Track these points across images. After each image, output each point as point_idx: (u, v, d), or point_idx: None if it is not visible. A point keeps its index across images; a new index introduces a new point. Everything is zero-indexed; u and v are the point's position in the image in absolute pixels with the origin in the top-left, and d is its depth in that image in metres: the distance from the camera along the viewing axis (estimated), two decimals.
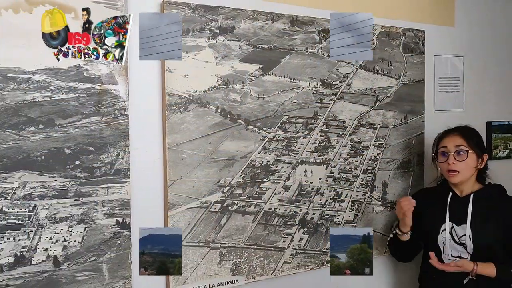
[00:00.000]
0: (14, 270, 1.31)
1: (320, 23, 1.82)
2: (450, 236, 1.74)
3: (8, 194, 1.30)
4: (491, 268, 1.64)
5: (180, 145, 1.54)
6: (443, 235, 1.75)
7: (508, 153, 2.44)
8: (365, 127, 1.94)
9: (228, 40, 1.62)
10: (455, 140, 1.74)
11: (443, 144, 1.77)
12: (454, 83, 2.25)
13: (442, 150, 1.77)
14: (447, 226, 1.75)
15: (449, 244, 1.74)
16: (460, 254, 1.72)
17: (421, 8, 2.14)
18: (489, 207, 1.73)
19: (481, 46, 2.34)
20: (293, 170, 1.77)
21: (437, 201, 1.83)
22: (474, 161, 1.74)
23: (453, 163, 1.71)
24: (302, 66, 1.78)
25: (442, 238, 1.75)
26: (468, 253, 1.71)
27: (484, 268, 1.64)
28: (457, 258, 1.71)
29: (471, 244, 1.69)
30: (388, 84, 1.99)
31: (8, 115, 1.30)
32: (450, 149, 1.73)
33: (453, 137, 1.75)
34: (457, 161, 1.71)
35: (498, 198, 1.77)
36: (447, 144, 1.75)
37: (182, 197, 1.55)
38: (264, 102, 1.70)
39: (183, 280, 1.55)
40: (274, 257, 1.73)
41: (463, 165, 1.71)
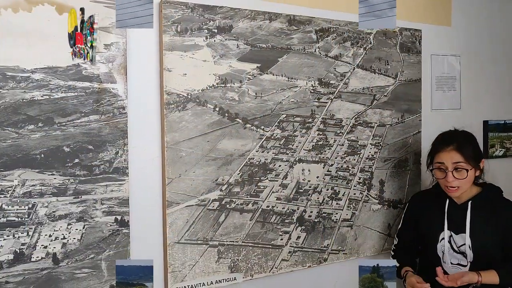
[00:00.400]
0: (14, 267, 1.32)
1: (318, 22, 1.83)
2: (449, 245, 1.73)
3: (7, 192, 1.31)
4: (494, 276, 1.64)
5: (179, 144, 1.55)
6: (442, 244, 1.74)
7: (505, 152, 2.45)
8: (362, 126, 1.95)
9: (226, 39, 1.64)
10: (452, 156, 1.68)
11: (440, 159, 1.72)
12: (450, 82, 2.26)
13: (439, 166, 1.72)
14: (446, 235, 1.73)
15: (448, 253, 1.73)
16: (460, 262, 1.72)
17: (418, 8, 2.15)
18: (487, 212, 1.72)
19: (477, 46, 2.36)
20: (291, 169, 1.78)
21: (434, 207, 1.82)
22: (473, 175, 1.71)
23: (452, 181, 1.68)
24: (300, 65, 1.79)
25: (441, 247, 1.74)
26: (468, 262, 1.71)
27: (487, 277, 1.63)
28: (457, 265, 1.72)
29: (471, 253, 1.69)
30: (385, 83, 2.01)
31: (8, 113, 1.31)
32: (447, 166, 1.69)
33: (449, 153, 1.69)
34: (456, 178, 1.68)
35: (494, 202, 1.76)
36: (444, 161, 1.70)
37: (181, 195, 1.56)
38: (261, 101, 1.71)
39: (181, 277, 1.57)
40: (272, 254, 1.74)
41: (462, 181, 1.68)
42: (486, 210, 1.72)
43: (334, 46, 1.87)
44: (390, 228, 2.03)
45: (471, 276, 1.62)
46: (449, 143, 1.71)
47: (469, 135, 1.79)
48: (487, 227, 1.70)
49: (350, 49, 1.91)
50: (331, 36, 1.86)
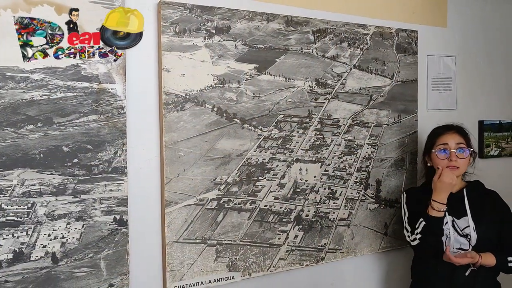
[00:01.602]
0: (13, 266, 1.33)
1: (315, 23, 1.85)
2: (453, 229, 1.77)
3: (7, 192, 1.32)
4: (492, 258, 1.70)
5: (177, 143, 1.56)
6: (446, 227, 1.77)
7: (500, 151, 2.47)
8: (359, 126, 1.97)
9: (224, 40, 1.65)
10: (455, 137, 1.80)
11: (443, 141, 1.80)
12: (446, 82, 2.28)
13: (443, 147, 1.80)
14: (449, 220, 1.77)
15: (453, 236, 1.76)
16: (462, 246, 1.75)
17: (414, 9, 2.17)
18: (481, 198, 1.80)
19: (473, 46, 2.38)
20: (288, 168, 1.80)
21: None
22: (468, 160, 1.81)
23: (455, 160, 1.77)
24: (297, 65, 1.81)
25: (446, 230, 1.77)
26: (470, 245, 1.74)
27: (486, 258, 1.70)
28: (459, 249, 1.75)
29: (475, 235, 1.73)
30: (381, 84, 2.02)
31: (7, 113, 1.32)
32: (451, 146, 1.78)
33: (452, 135, 1.81)
34: (458, 158, 1.77)
35: (483, 191, 1.85)
36: (448, 141, 1.79)
37: (179, 194, 1.57)
38: (259, 101, 1.73)
39: (180, 276, 1.58)
40: (269, 253, 1.75)
41: (462, 162, 1.78)
42: (480, 197, 1.81)
43: (331, 47, 1.89)
44: (386, 227, 2.05)
45: (474, 254, 1.69)
46: (451, 128, 1.84)
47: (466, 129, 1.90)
48: (483, 213, 1.77)
49: (347, 50, 1.93)
50: (328, 37, 1.88)
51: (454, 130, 1.83)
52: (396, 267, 2.13)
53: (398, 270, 2.12)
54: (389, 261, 2.13)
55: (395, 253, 2.10)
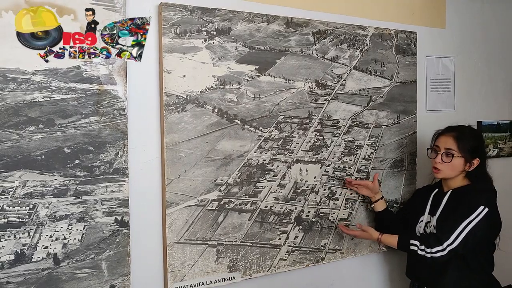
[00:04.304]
0: (15, 267, 1.33)
1: (315, 25, 1.86)
2: (424, 226, 1.84)
3: (8, 193, 1.32)
4: (394, 240, 1.76)
5: (178, 145, 1.57)
6: (420, 225, 1.86)
7: (498, 152, 2.49)
8: (358, 126, 1.98)
9: (224, 41, 1.65)
10: (447, 141, 1.80)
11: (437, 142, 1.84)
12: (445, 83, 2.29)
13: (435, 148, 1.85)
14: (425, 219, 1.85)
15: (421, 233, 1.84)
16: None
17: (413, 11, 2.19)
18: (461, 202, 1.76)
19: (471, 48, 2.39)
20: (289, 169, 1.80)
21: (425, 194, 1.93)
22: (460, 164, 1.78)
23: (438, 162, 1.80)
24: (297, 67, 1.82)
25: (419, 228, 1.86)
26: None
27: (387, 238, 1.77)
28: None
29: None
30: (381, 85, 2.03)
31: (9, 115, 1.32)
32: (440, 149, 1.81)
33: (446, 138, 1.81)
34: (443, 161, 1.79)
35: (471, 195, 1.77)
36: (439, 144, 1.83)
37: (180, 195, 1.58)
38: (260, 102, 1.73)
39: (181, 277, 1.58)
40: (270, 254, 1.76)
41: (446, 166, 1.79)
42: (461, 200, 1.76)
43: (331, 48, 1.90)
44: None
45: (372, 232, 1.79)
46: (452, 131, 1.83)
47: (477, 134, 1.89)
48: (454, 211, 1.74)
49: (347, 51, 1.94)
50: (328, 38, 1.89)
51: (451, 134, 1.81)
52: (396, 267, 2.14)
53: (398, 270, 2.13)
54: (389, 261, 2.14)
55: (395, 253, 2.11)
